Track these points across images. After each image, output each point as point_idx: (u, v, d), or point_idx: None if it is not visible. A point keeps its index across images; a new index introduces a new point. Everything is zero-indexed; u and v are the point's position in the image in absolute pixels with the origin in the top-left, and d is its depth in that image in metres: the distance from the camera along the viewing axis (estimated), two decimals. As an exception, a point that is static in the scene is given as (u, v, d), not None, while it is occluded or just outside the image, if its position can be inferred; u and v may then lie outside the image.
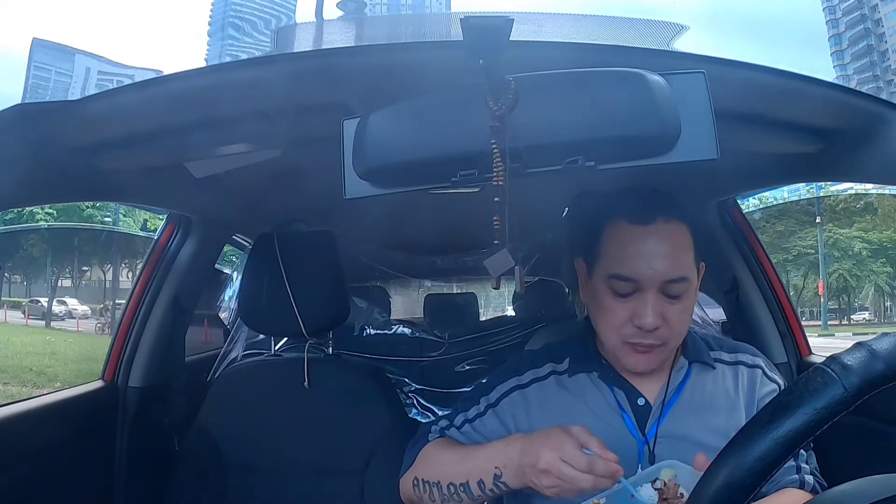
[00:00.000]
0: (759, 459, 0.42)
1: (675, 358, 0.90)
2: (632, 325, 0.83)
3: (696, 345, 0.92)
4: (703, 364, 0.91)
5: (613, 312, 0.84)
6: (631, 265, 0.82)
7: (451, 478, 0.86)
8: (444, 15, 0.82)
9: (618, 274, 0.83)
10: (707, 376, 0.90)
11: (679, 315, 0.83)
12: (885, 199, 8.66)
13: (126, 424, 1.42)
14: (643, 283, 0.82)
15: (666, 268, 0.81)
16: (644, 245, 0.82)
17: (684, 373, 0.90)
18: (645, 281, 0.81)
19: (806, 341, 1.50)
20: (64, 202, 3.08)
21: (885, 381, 0.42)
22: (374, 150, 0.70)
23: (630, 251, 0.82)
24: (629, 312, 0.83)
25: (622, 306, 0.83)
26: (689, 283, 0.83)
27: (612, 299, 0.84)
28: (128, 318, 1.48)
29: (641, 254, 0.82)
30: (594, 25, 0.81)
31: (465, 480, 0.84)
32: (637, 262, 0.82)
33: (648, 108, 0.65)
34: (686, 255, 0.84)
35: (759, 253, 1.51)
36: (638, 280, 0.82)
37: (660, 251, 0.82)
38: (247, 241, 1.86)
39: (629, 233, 0.83)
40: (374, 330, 2.39)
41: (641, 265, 0.81)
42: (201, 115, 0.90)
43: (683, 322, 0.85)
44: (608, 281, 0.84)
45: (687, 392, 0.89)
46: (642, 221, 0.83)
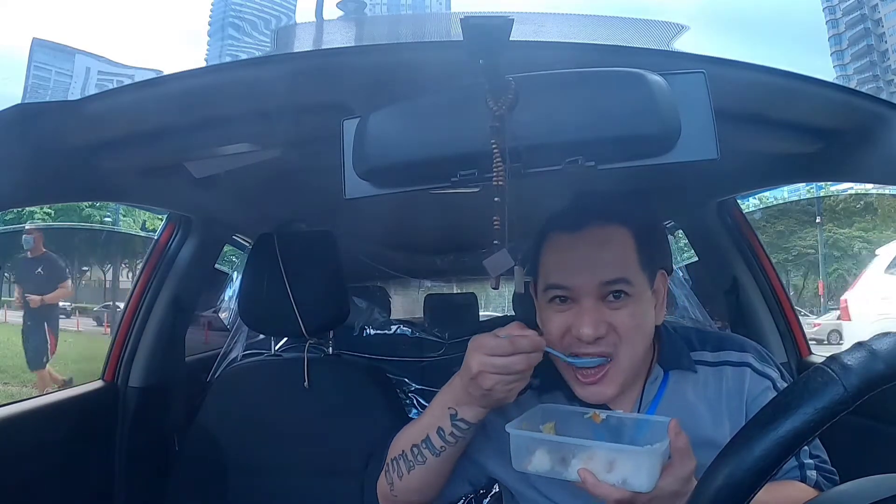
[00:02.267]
0: (759, 459, 0.42)
1: (649, 368, 0.85)
2: (571, 335, 0.80)
3: (674, 348, 0.87)
4: (681, 370, 0.85)
5: (553, 324, 0.81)
6: (562, 273, 0.81)
7: (411, 440, 0.83)
8: (444, 15, 0.82)
9: (552, 283, 0.82)
10: (687, 383, 0.85)
11: (627, 321, 0.79)
12: (885, 199, 8.67)
13: (126, 424, 1.42)
14: (577, 291, 0.80)
15: (598, 272, 0.79)
16: (574, 252, 0.81)
17: (659, 383, 0.85)
18: (578, 288, 0.80)
19: (806, 341, 1.50)
20: (64, 202, 3.09)
21: (885, 381, 0.42)
22: (374, 150, 0.70)
23: (561, 260, 0.81)
24: (567, 323, 0.80)
25: (560, 318, 0.81)
26: (631, 286, 0.79)
27: (551, 312, 0.82)
28: (128, 318, 1.49)
29: (571, 260, 0.80)
30: (594, 25, 0.81)
31: (424, 436, 0.82)
32: (568, 270, 0.80)
33: (648, 108, 0.65)
34: (625, 257, 0.81)
35: (759, 253, 1.51)
36: (570, 287, 0.80)
37: (590, 256, 0.80)
38: (247, 241, 1.87)
39: (560, 242, 0.82)
40: (374, 330, 2.39)
41: (572, 272, 0.80)
42: (201, 115, 0.90)
43: (634, 329, 0.80)
44: (546, 293, 0.82)
45: (664, 404, 0.84)
46: (572, 229, 0.82)
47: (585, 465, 0.70)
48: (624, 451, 0.71)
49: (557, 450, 0.73)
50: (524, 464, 0.74)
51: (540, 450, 0.73)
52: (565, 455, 0.72)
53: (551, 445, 0.73)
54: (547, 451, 0.73)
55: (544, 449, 0.73)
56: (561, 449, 0.73)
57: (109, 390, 1.44)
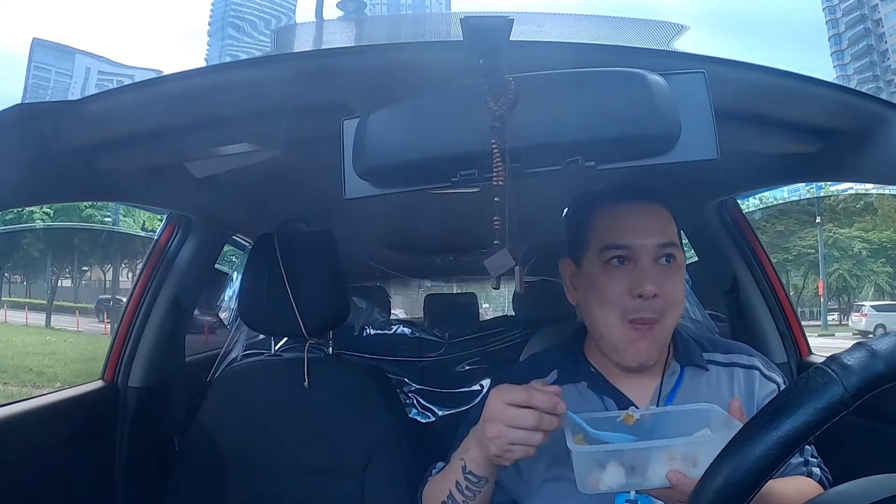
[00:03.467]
0: (759, 459, 0.42)
1: (666, 362, 0.90)
2: (630, 296, 0.83)
3: (688, 347, 0.91)
4: (695, 367, 0.89)
5: (611, 287, 0.84)
6: (623, 234, 0.85)
7: (439, 496, 0.84)
8: (444, 15, 0.82)
9: (611, 244, 0.85)
10: (700, 379, 0.89)
11: (674, 285, 0.84)
12: (885, 199, 8.67)
13: (126, 424, 1.42)
14: (636, 251, 0.84)
15: (656, 233, 0.84)
16: (632, 216, 0.86)
17: (676, 377, 0.89)
18: (638, 248, 0.84)
19: (806, 341, 1.50)
20: (64, 202, 3.09)
21: (885, 381, 0.42)
22: (374, 150, 0.70)
23: (620, 223, 0.86)
24: (627, 284, 0.83)
25: (619, 279, 0.84)
26: (678, 251, 0.86)
27: (608, 275, 0.85)
28: (128, 318, 1.49)
29: (631, 223, 0.85)
30: (594, 25, 0.81)
31: (447, 492, 0.82)
32: (628, 231, 0.85)
33: (648, 108, 0.65)
34: (672, 228, 0.87)
35: (759, 253, 1.51)
36: (631, 247, 0.84)
37: (647, 220, 0.86)
38: (247, 241, 1.87)
39: (615, 210, 0.87)
40: (374, 330, 2.38)
41: (632, 233, 0.84)
42: (201, 115, 0.90)
43: (678, 293, 0.85)
44: (601, 255, 0.85)
45: (680, 397, 0.87)
46: (627, 200, 0.87)
47: (669, 466, 0.66)
48: (704, 442, 0.68)
49: (631, 458, 0.67)
50: (594, 482, 0.67)
51: (612, 463, 0.67)
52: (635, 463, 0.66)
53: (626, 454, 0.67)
54: (619, 462, 0.67)
55: (616, 461, 0.67)
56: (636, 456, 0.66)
57: (109, 390, 1.44)
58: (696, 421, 0.73)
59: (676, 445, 0.67)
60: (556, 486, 0.85)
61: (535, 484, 0.87)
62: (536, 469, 0.87)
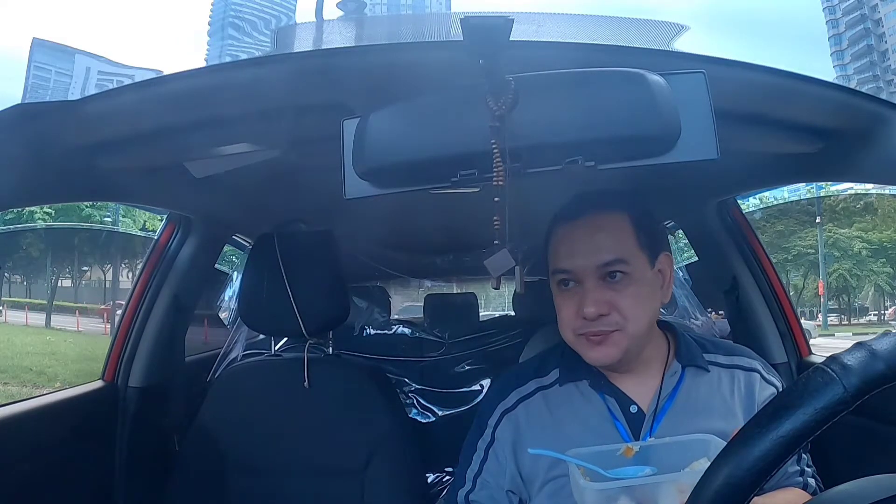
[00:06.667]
0: (759, 459, 0.42)
1: (667, 362, 0.90)
2: (579, 317, 0.85)
3: (690, 348, 0.92)
4: (697, 368, 0.90)
5: (563, 309, 0.88)
6: (564, 258, 0.87)
7: None
8: (444, 15, 0.82)
9: (557, 268, 0.88)
10: (701, 380, 0.89)
11: (628, 301, 0.84)
12: (885, 199, 8.67)
13: (126, 424, 1.42)
14: (578, 273, 0.86)
15: (595, 255, 0.85)
16: (572, 237, 0.87)
17: (678, 377, 0.89)
18: (579, 271, 0.86)
19: (806, 341, 1.50)
20: (64, 202, 3.09)
21: (885, 381, 0.42)
22: (374, 150, 0.70)
23: (563, 246, 0.88)
24: (575, 305, 0.86)
25: (568, 301, 0.87)
26: (629, 266, 0.85)
27: (560, 296, 0.88)
28: (128, 318, 1.48)
29: (571, 245, 0.87)
30: (594, 25, 0.81)
31: None
32: (568, 254, 0.87)
33: (648, 108, 0.65)
34: (622, 240, 0.86)
35: (759, 253, 1.51)
36: (572, 270, 0.86)
37: (590, 239, 0.86)
38: (247, 241, 1.86)
39: (562, 231, 0.89)
40: (374, 330, 2.38)
41: (572, 256, 0.86)
42: (201, 115, 0.90)
43: (635, 307, 0.85)
44: (553, 278, 0.89)
45: (681, 397, 0.88)
46: (572, 218, 0.89)
47: (679, 499, 0.67)
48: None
49: (641, 493, 0.69)
50: None
51: (623, 498, 0.69)
52: (644, 497, 0.68)
53: (636, 489, 0.69)
54: (630, 497, 0.69)
55: (627, 497, 0.69)
56: (645, 491, 0.69)
57: (109, 390, 1.43)
58: (694, 451, 0.74)
59: (684, 478, 0.69)
60: (558, 483, 0.86)
61: (538, 484, 0.88)
62: (537, 470, 0.88)
